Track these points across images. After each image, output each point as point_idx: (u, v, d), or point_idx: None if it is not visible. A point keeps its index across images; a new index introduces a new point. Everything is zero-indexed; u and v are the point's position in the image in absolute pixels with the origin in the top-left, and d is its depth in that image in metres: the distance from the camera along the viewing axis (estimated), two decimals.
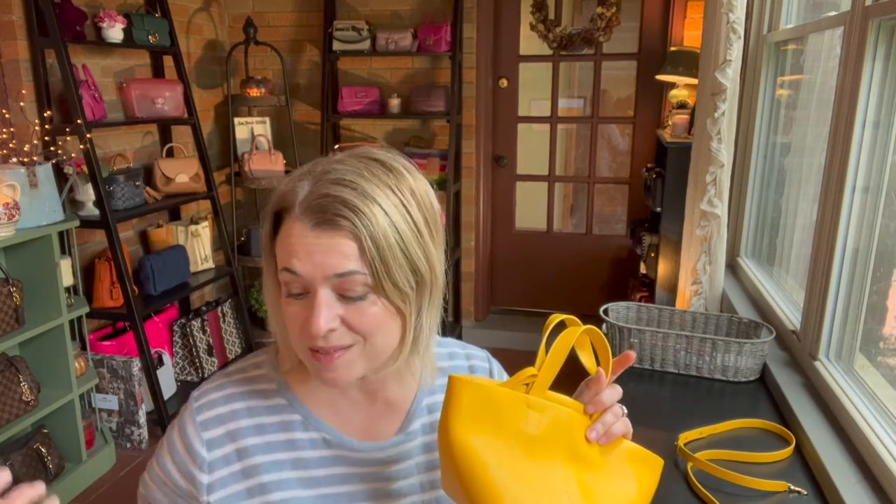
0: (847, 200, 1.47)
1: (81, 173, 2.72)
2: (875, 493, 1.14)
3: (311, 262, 0.70)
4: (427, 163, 3.55)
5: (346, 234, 0.69)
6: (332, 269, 0.69)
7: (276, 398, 0.81)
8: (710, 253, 2.13)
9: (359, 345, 0.73)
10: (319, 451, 0.80)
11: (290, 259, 0.70)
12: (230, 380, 0.82)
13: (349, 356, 0.72)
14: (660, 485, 0.79)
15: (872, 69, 1.40)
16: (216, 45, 3.82)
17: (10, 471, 0.65)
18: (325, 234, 0.70)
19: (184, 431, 0.78)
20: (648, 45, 3.56)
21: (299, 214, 0.71)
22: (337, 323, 0.71)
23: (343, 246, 0.69)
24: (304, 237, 0.70)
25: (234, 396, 0.80)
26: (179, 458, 0.78)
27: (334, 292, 0.71)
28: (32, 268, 2.41)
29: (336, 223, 0.69)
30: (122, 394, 2.79)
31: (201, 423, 0.78)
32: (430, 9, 3.59)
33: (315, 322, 0.69)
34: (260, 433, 0.78)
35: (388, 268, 0.70)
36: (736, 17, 1.94)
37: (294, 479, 0.78)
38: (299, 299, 0.72)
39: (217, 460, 0.77)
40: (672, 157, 2.57)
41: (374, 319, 0.72)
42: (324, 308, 0.70)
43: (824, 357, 1.56)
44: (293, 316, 0.72)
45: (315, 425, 0.80)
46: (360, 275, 0.70)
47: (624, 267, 3.85)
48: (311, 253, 0.70)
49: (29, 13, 2.58)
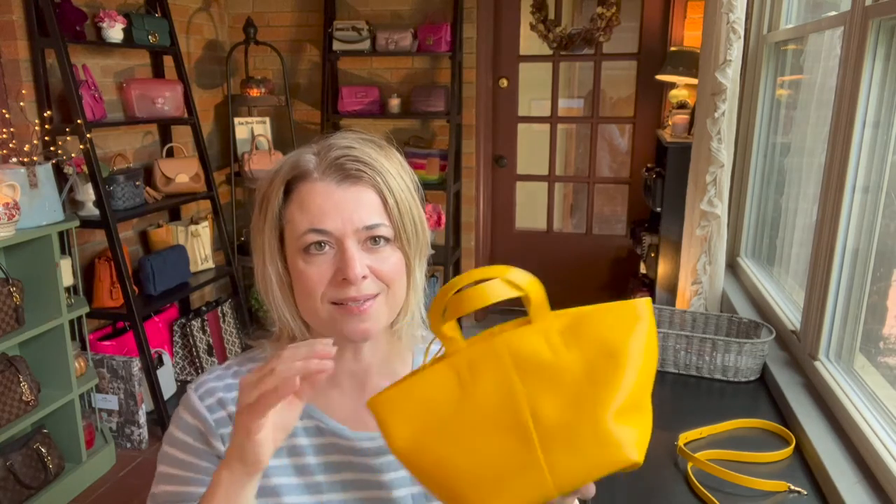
0: (847, 200, 1.47)
1: (81, 173, 2.72)
2: (875, 493, 1.15)
3: (340, 217, 0.75)
4: (427, 163, 3.55)
5: (369, 188, 0.77)
6: (360, 221, 0.75)
7: None
8: (710, 253, 2.13)
9: (383, 293, 0.77)
10: (313, 439, 0.81)
11: (318, 219, 0.75)
12: (228, 371, 0.84)
13: (377, 306, 0.77)
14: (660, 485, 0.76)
15: (872, 69, 1.40)
16: (216, 45, 3.82)
17: (10, 471, 0.65)
18: (352, 189, 0.76)
19: (194, 411, 0.80)
20: (648, 45, 3.56)
21: (320, 176, 0.76)
22: (367, 271, 0.75)
23: (368, 198, 0.76)
24: (331, 194, 0.75)
25: (231, 386, 0.82)
26: (196, 431, 0.79)
27: (359, 244, 0.75)
28: (32, 268, 2.41)
29: (360, 177, 0.76)
30: (122, 394, 2.79)
31: (207, 406, 0.80)
32: (430, 9, 3.59)
33: (353, 268, 0.73)
34: None
35: (404, 220, 0.78)
36: (736, 17, 1.94)
37: (290, 466, 0.80)
38: (320, 255, 0.75)
39: (226, 436, 0.79)
40: (672, 157, 2.57)
41: (395, 268, 0.77)
42: (357, 255, 0.74)
43: (824, 357, 1.56)
44: (316, 275, 0.75)
45: (309, 413, 0.82)
46: (384, 226, 0.76)
47: (624, 267, 3.85)
48: (340, 208, 0.75)
49: (29, 13, 2.58)
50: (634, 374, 0.58)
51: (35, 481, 2.32)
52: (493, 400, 0.59)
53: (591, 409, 0.57)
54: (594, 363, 0.59)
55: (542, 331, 0.60)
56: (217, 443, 0.79)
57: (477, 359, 0.60)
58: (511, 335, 0.60)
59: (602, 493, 1.20)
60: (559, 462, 0.57)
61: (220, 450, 0.79)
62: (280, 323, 0.82)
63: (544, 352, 0.59)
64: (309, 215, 0.75)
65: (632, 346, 0.59)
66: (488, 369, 0.60)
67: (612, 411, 0.57)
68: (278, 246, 0.78)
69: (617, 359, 0.58)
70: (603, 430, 0.56)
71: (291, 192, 0.77)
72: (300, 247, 0.75)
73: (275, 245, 0.78)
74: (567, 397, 0.58)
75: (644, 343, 0.60)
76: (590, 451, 0.57)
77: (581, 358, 0.59)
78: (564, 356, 0.59)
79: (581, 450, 0.57)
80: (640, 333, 0.60)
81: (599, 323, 0.60)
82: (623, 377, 0.58)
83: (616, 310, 0.60)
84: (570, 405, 0.58)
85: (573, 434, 0.57)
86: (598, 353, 0.59)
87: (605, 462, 0.56)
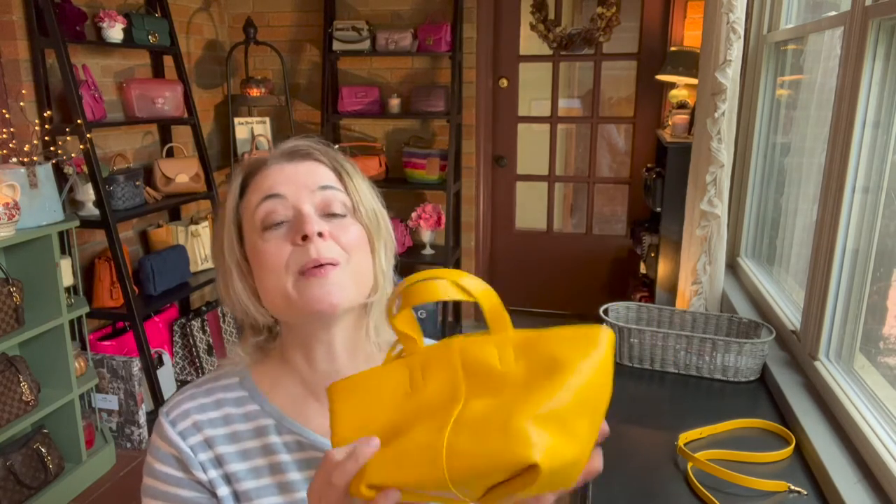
0: (847, 200, 1.47)
1: (81, 173, 2.72)
2: (875, 493, 1.14)
3: (293, 185, 0.77)
4: (427, 163, 3.55)
5: (322, 163, 0.81)
6: (315, 183, 0.78)
7: (249, 405, 0.80)
8: (710, 253, 2.13)
9: (344, 262, 0.76)
10: (294, 455, 0.79)
11: (271, 188, 0.77)
12: (200, 390, 0.82)
13: (339, 272, 0.75)
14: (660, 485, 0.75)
15: (872, 69, 1.40)
16: (216, 45, 3.82)
17: (10, 471, 0.65)
18: (304, 163, 0.80)
19: (167, 439, 0.78)
20: (648, 45, 3.56)
21: (272, 162, 0.80)
22: (326, 232, 0.75)
23: (322, 169, 0.80)
24: (282, 170, 0.79)
25: (206, 406, 0.80)
26: (173, 459, 0.77)
27: (316, 210, 0.76)
28: (32, 268, 2.41)
29: (311, 155, 0.81)
30: (122, 394, 2.79)
31: (179, 433, 0.77)
32: (430, 9, 3.59)
33: (309, 223, 0.74)
34: (234, 441, 0.78)
35: (361, 192, 0.80)
36: (736, 17, 1.94)
37: (273, 486, 0.78)
38: (278, 230, 0.76)
39: (205, 462, 0.77)
40: (672, 157, 2.57)
41: (355, 238, 0.78)
42: (313, 215, 0.75)
43: (824, 357, 1.56)
44: (275, 247, 0.75)
45: (288, 427, 0.79)
46: (339, 191, 0.79)
47: (624, 267, 3.85)
48: (292, 177, 0.78)
49: (29, 13, 2.58)
50: (571, 391, 0.56)
51: (35, 481, 2.32)
52: (436, 400, 0.59)
53: (512, 406, 0.55)
54: (536, 374, 0.57)
55: (497, 342, 0.60)
56: (197, 471, 0.76)
57: (431, 361, 0.61)
58: (466, 342, 0.61)
59: (602, 494, 1.20)
60: (459, 447, 0.54)
61: (202, 477, 0.76)
62: (242, 315, 0.81)
63: (494, 362, 0.59)
64: (262, 190, 0.77)
65: (579, 366, 0.57)
66: (439, 370, 0.61)
67: (532, 413, 0.54)
68: (237, 238, 0.79)
69: (558, 372, 0.57)
70: (514, 425, 0.54)
71: (247, 187, 0.80)
72: (257, 223, 0.76)
73: (234, 237, 0.79)
74: (499, 400, 0.57)
75: (593, 369, 0.57)
76: (493, 440, 0.54)
77: (526, 369, 0.58)
78: (511, 367, 0.59)
79: (485, 438, 0.54)
80: (592, 359, 0.58)
81: (554, 342, 0.59)
82: (557, 390, 0.56)
83: (575, 334, 0.59)
84: (497, 405, 0.56)
85: (485, 423, 0.55)
86: (543, 366, 0.58)
87: (504, 455, 0.53)
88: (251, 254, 0.78)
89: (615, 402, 0.71)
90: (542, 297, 4.00)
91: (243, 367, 0.84)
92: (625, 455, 1.32)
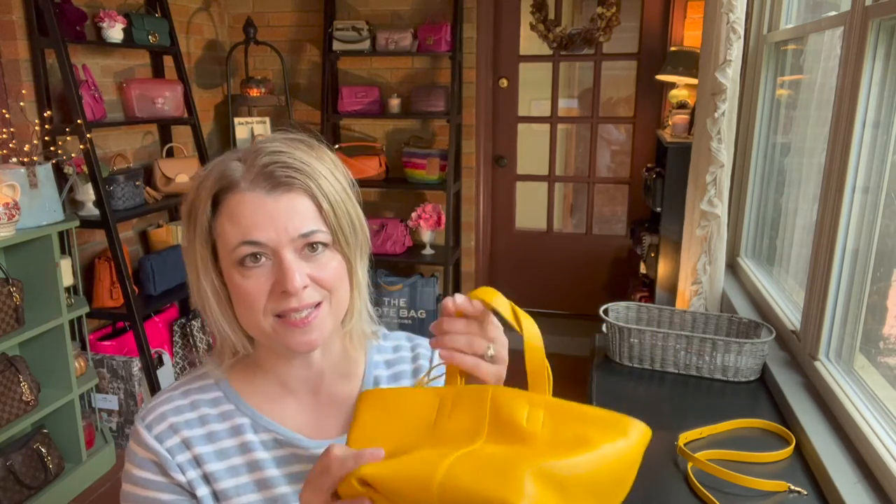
0: (847, 200, 1.47)
1: (81, 173, 2.72)
2: (875, 493, 1.14)
3: (273, 228, 0.72)
4: (427, 163, 3.55)
5: (301, 194, 0.74)
6: (296, 230, 0.73)
7: (224, 405, 0.81)
8: (710, 253, 2.13)
9: (326, 301, 0.75)
10: (272, 452, 0.80)
11: (250, 231, 0.72)
12: (176, 393, 0.81)
13: (321, 314, 0.75)
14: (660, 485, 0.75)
15: (872, 69, 1.40)
16: (216, 45, 3.82)
17: (10, 471, 0.65)
18: (284, 197, 0.73)
19: (144, 444, 0.77)
20: (648, 45, 3.56)
21: (248, 186, 0.73)
22: (308, 280, 0.73)
23: (302, 205, 0.74)
24: (262, 205, 0.72)
25: (183, 408, 0.80)
26: (151, 464, 0.77)
27: (296, 253, 0.73)
28: (32, 268, 2.41)
29: (291, 184, 0.73)
30: (122, 394, 2.79)
31: (156, 436, 0.77)
32: (430, 9, 3.59)
33: (292, 280, 0.71)
34: (211, 441, 0.78)
35: (341, 223, 0.76)
36: (736, 17, 1.94)
37: (251, 483, 0.78)
38: (257, 268, 0.73)
39: (183, 463, 0.77)
40: (672, 157, 2.57)
41: (336, 273, 0.75)
42: (295, 266, 0.72)
43: (824, 357, 1.56)
44: (254, 288, 0.73)
45: (264, 426, 0.80)
46: (320, 232, 0.74)
47: (624, 267, 3.85)
48: (273, 218, 0.72)
49: (29, 13, 2.58)
50: (583, 467, 0.55)
51: (35, 481, 2.32)
52: (456, 435, 0.60)
53: (521, 459, 0.55)
54: (559, 443, 0.57)
55: (531, 400, 0.60)
56: (176, 473, 0.76)
57: (463, 399, 0.62)
58: (502, 390, 0.62)
59: None
60: (457, 470, 0.55)
61: (181, 479, 0.76)
62: (220, 337, 0.79)
63: (522, 418, 0.59)
64: (240, 228, 0.72)
65: (601, 451, 0.56)
66: (468, 410, 0.62)
67: (536, 466, 0.54)
68: (211, 259, 0.76)
69: (580, 449, 0.56)
70: (515, 473, 0.54)
71: (220, 205, 0.74)
72: (234, 260, 0.73)
73: (208, 259, 0.75)
74: (512, 448, 0.57)
75: (614, 457, 0.56)
76: (490, 477, 0.54)
77: (550, 437, 0.58)
78: (537, 429, 0.58)
79: (484, 473, 0.55)
80: (617, 446, 0.57)
81: (585, 419, 0.58)
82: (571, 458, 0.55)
83: (608, 418, 0.58)
84: (508, 451, 0.57)
85: (490, 462, 0.56)
86: (566, 442, 0.57)
87: (494, 493, 0.53)
88: (229, 282, 0.75)
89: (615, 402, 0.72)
90: (542, 297, 4.00)
91: (210, 368, 0.84)
92: None
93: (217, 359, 0.82)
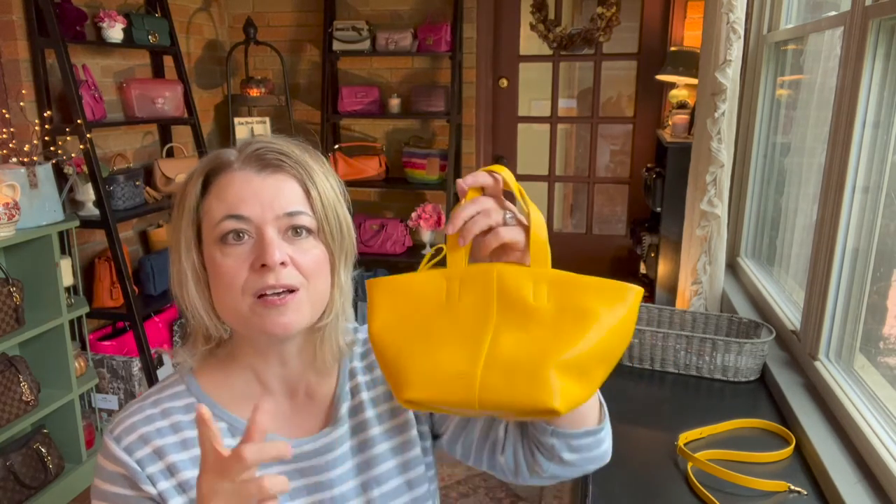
0: (847, 200, 1.47)
1: (81, 173, 2.72)
2: (875, 493, 1.14)
3: (259, 203, 0.73)
4: (427, 163, 3.55)
5: (291, 177, 0.75)
6: (281, 208, 0.73)
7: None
8: (710, 253, 2.12)
9: (304, 288, 0.75)
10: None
11: (235, 206, 0.73)
12: (147, 402, 0.80)
13: (298, 299, 0.74)
14: (660, 485, 0.76)
15: (872, 69, 1.39)
16: (216, 45, 3.82)
17: (10, 471, 0.65)
18: (272, 177, 0.75)
19: (112, 458, 0.76)
20: (648, 45, 3.56)
21: (240, 166, 0.75)
22: (287, 259, 0.73)
23: (289, 187, 0.75)
24: (249, 182, 0.74)
25: (154, 417, 0.78)
26: (120, 478, 0.75)
27: (279, 233, 0.73)
28: (32, 268, 2.41)
29: (281, 167, 0.75)
30: (122, 394, 2.79)
31: (125, 448, 0.75)
32: (430, 9, 3.59)
33: (271, 253, 0.71)
34: (186, 448, 0.77)
35: (327, 213, 0.76)
36: (736, 17, 1.94)
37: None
38: (239, 246, 0.73)
39: (154, 474, 0.75)
40: (672, 157, 2.58)
41: (316, 261, 0.75)
42: (276, 241, 0.72)
43: (824, 357, 1.56)
44: (234, 265, 0.73)
45: (242, 429, 0.79)
46: (305, 215, 0.75)
47: (624, 267, 3.85)
48: (258, 194, 0.73)
49: (29, 13, 2.58)
50: (593, 340, 0.62)
51: (35, 481, 2.32)
52: (469, 316, 0.65)
53: (540, 352, 0.61)
54: (563, 318, 0.63)
55: (534, 276, 0.66)
56: (146, 486, 0.74)
57: (470, 278, 0.66)
58: (506, 268, 0.66)
59: (602, 493, 1.20)
60: (491, 383, 0.61)
61: (151, 492, 0.74)
62: (194, 321, 0.79)
63: (528, 294, 0.65)
64: (226, 203, 0.73)
65: (603, 318, 0.63)
66: (476, 290, 0.66)
67: (557, 361, 0.61)
68: (195, 240, 0.76)
69: (584, 321, 0.63)
70: (541, 374, 0.60)
71: (210, 185, 0.75)
72: (217, 236, 0.73)
73: (191, 239, 0.76)
74: (527, 337, 0.63)
75: (616, 322, 0.63)
76: (521, 384, 0.60)
77: (555, 310, 0.64)
78: (543, 304, 0.64)
79: (514, 380, 0.61)
80: (617, 312, 0.63)
81: (586, 290, 0.65)
82: (581, 338, 0.62)
83: (606, 286, 0.65)
84: (526, 344, 0.62)
85: (515, 366, 0.61)
86: (571, 312, 0.63)
87: (530, 399, 0.60)
88: (209, 263, 0.75)
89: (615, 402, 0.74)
90: None
91: (188, 373, 0.82)
92: (625, 455, 1.32)
93: (190, 348, 0.81)
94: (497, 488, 2.53)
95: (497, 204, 0.67)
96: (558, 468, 0.81)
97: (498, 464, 0.86)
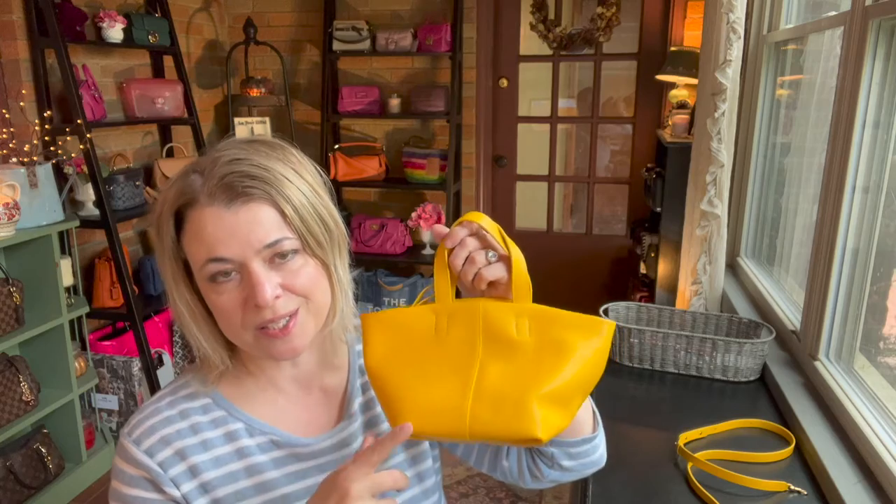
0: (847, 200, 1.47)
1: (81, 173, 2.72)
2: (875, 493, 1.14)
3: (236, 241, 0.70)
4: (427, 163, 3.55)
5: (263, 202, 0.71)
6: (259, 241, 0.70)
7: (215, 411, 0.80)
8: (710, 253, 2.12)
9: (303, 307, 0.74)
10: (270, 454, 0.79)
11: (213, 248, 0.70)
12: (163, 404, 0.79)
13: (300, 321, 0.74)
14: (660, 485, 0.78)
15: (872, 69, 1.39)
16: (216, 45, 3.82)
17: (10, 471, 0.65)
18: (243, 209, 0.70)
19: (133, 461, 0.75)
20: (648, 45, 3.56)
21: (206, 201, 0.71)
22: (280, 290, 0.72)
23: (264, 215, 0.71)
24: (221, 220, 0.70)
25: (173, 418, 0.78)
26: (143, 481, 0.75)
27: (265, 263, 0.72)
28: (32, 268, 2.41)
29: (250, 194, 0.70)
30: (122, 394, 2.79)
31: (146, 451, 0.75)
32: (430, 9, 3.59)
33: (261, 292, 0.70)
34: (206, 449, 0.77)
35: (309, 226, 0.73)
36: (736, 17, 1.94)
37: (251, 487, 0.77)
38: (228, 283, 0.72)
39: (177, 476, 0.75)
40: (672, 157, 2.57)
41: (310, 279, 0.74)
42: (264, 278, 0.71)
43: (824, 357, 1.56)
44: (228, 303, 0.72)
45: (260, 429, 0.79)
46: (287, 240, 0.72)
47: (624, 267, 3.85)
48: (234, 233, 0.70)
49: (29, 13, 2.58)
50: (571, 372, 0.68)
51: (35, 481, 2.32)
52: (457, 350, 0.70)
53: (524, 385, 0.67)
54: (544, 351, 0.69)
55: (516, 311, 0.71)
56: (170, 488, 0.74)
57: (457, 313, 0.72)
58: (490, 304, 0.71)
59: (602, 493, 1.20)
60: (480, 415, 0.67)
61: (175, 494, 0.74)
62: (200, 353, 0.78)
63: (511, 328, 0.70)
64: (205, 245, 0.70)
65: (580, 350, 0.69)
66: (462, 324, 0.71)
67: (539, 394, 0.67)
68: (183, 274, 0.75)
69: (563, 354, 0.69)
70: (525, 405, 0.66)
71: (183, 221, 0.72)
72: (205, 277, 0.72)
73: (179, 275, 0.75)
74: (511, 370, 0.69)
75: (591, 354, 0.70)
76: (507, 416, 0.66)
77: (536, 343, 0.70)
78: (525, 338, 0.70)
79: (501, 412, 0.67)
80: (592, 345, 0.70)
81: (564, 324, 0.70)
82: (561, 371, 0.68)
83: (583, 321, 0.71)
84: (510, 376, 0.68)
85: (502, 398, 0.67)
86: (551, 347, 0.69)
87: (516, 430, 0.66)
88: (205, 296, 0.74)
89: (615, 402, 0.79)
90: (542, 297, 3.88)
91: (192, 379, 0.83)
92: (625, 455, 1.32)
93: (202, 375, 0.81)
94: (497, 488, 2.54)
95: (479, 242, 0.70)
96: (558, 474, 0.85)
97: (501, 468, 0.89)
